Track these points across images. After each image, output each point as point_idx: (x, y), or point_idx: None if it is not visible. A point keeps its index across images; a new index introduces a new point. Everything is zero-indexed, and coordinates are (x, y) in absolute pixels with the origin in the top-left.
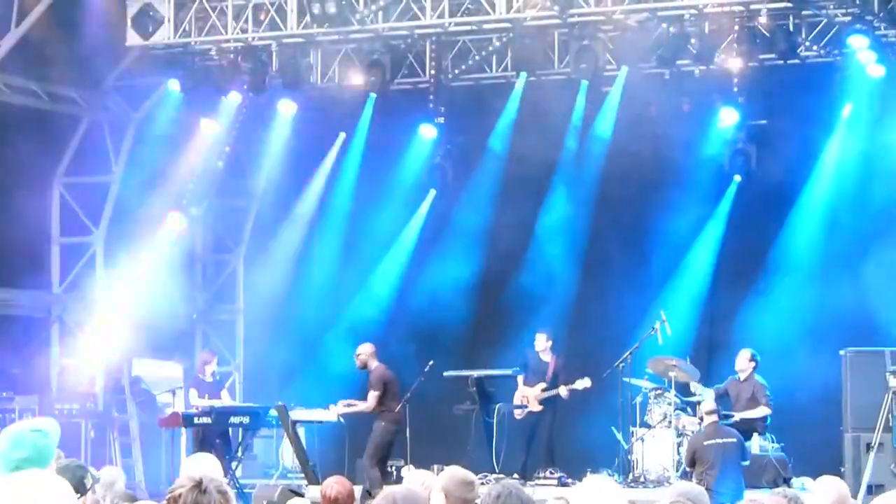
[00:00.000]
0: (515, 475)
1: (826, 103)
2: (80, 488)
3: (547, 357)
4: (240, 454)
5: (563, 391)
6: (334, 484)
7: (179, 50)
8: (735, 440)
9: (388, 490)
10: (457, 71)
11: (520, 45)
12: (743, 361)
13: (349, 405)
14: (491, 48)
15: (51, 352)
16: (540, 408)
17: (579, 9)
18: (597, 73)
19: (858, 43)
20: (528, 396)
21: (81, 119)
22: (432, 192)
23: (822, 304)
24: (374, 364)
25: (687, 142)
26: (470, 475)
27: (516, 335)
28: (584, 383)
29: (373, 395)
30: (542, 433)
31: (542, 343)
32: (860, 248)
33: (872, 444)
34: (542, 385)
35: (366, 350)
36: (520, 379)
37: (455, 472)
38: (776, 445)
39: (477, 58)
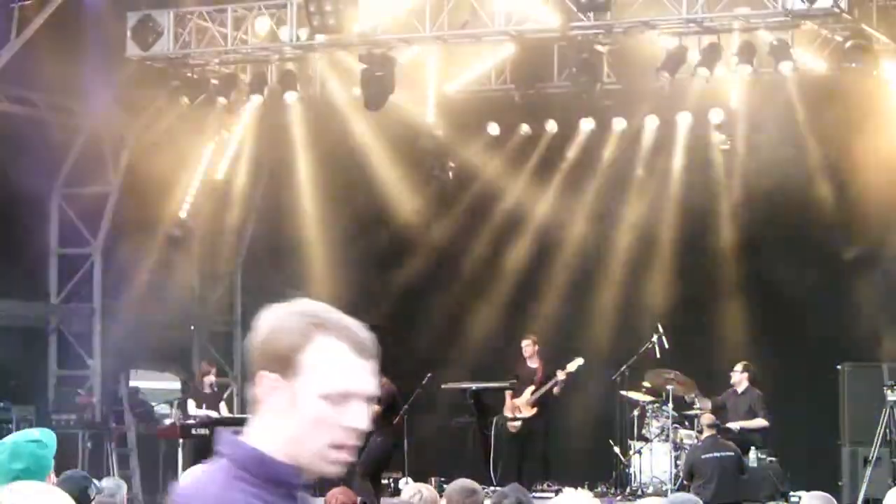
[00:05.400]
0: None
1: (824, 117)
2: (84, 499)
3: (534, 363)
4: None
5: (560, 375)
6: (339, 495)
7: (179, 61)
8: (733, 454)
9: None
10: (456, 83)
11: (519, 58)
12: (737, 374)
13: None
14: (490, 61)
15: (48, 363)
16: (533, 411)
17: (579, 22)
18: (596, 86)
19: (856, 57)
20: (519, 405)
21: (80, 130)
22: (430, 204)
23: (821, 318)
24: (381, 380)
25: (685, 155)
26: (472, 484)
27: (514, 348)
28: (576, 363)
29: (374, 411)
30: (536, 444)
31: (529, 349)
32: (859, 262)
33: (870, 458)
34: (531, 388)
35: None
36: (507, 393)
37: (458, 481)
38: (774, 459)
39: (477, 70)
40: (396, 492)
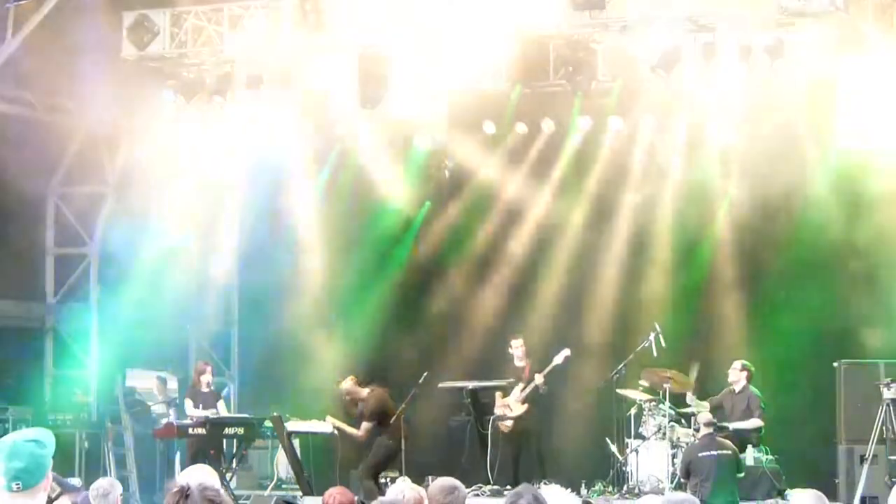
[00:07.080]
0: (508, 487)
1: (820, 117)
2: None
3: (522, 362)
4: (234, 465)
5: (538, 379)
6: (337, 494)
7: (175, 61)
8: (730, 452)
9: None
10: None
11: (516, 56)
12: (735, 373)
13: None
14: (487, 58)
15: (45, 362)
16: (524, 407)
17: (575, 20)
18: (592, 84)
19: (853, 58)
20: (509, 403)
21: (77, 130)
22: (427, 204)
23: (817, 316)
24: (364, 393)
25: (683, 154)
26: (452, 482)
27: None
28: (563, 355)
29: (365, 427)
30: (530, 443)
31: (518, 348)
32: (855, 260)
33: (866, 456)
34: (520, 386)
35: (348, 387)
36: (498, 394)
37: (440, 479)
38: (770, 457)
39: (473, 68)
40: None
